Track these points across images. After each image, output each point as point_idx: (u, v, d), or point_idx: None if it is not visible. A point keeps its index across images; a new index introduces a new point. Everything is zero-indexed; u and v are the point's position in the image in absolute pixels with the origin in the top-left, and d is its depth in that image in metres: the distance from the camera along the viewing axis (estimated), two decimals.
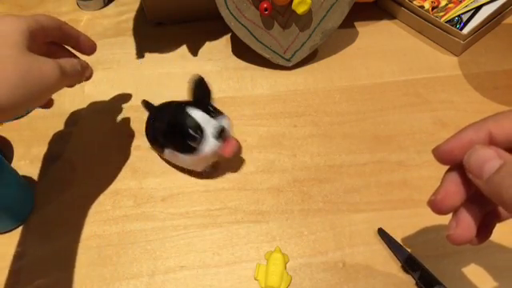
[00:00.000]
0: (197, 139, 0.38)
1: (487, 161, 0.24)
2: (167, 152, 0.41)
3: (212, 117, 0.38)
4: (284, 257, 0.39)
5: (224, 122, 0.39)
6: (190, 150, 0.39)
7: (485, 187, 0.24)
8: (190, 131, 0.37)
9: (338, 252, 0.39)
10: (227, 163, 0.45)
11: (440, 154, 0.27)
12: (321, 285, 0.38)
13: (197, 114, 0.38)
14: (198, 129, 0.38)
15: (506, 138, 0.25)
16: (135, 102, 0.50)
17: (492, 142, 0.25)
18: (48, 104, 0.40)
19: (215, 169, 0.44)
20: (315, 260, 0.39)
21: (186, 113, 0.38)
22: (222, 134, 0.38)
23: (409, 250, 0.39)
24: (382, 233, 0.40)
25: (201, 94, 0.40)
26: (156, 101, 0.50)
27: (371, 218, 0.41)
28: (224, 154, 0.39)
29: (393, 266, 0.39)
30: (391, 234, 0.40)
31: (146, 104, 0.46)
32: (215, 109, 0.40)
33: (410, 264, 0.38)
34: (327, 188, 0.43)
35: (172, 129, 0.39)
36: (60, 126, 0.49)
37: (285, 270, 0.38)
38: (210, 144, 0.38)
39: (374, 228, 0.40)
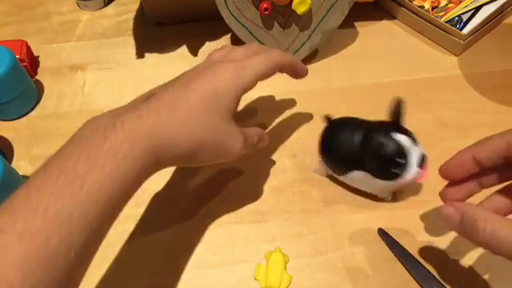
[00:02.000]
0: (402, 166, 0.36)
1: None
2: (354, 174, 0.39)
3: (412, 143, 0.37)
4: (284, 257, 0.39)
5: (422, 149, 0.37)
6: (390, 176, 0.37)
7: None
8: (398, 159, 0.36)
9: (338, 252, 0.39)
10: (226, 164, 0.45)
11: (443, 175, 0.35)
12: (321, 285, 0.38)
13: (401, 140, 0.36)
14: (404, 155, 0.36)
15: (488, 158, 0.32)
16: None
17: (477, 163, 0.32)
18: None
19: (395, 196, 0.43)
20: (315, 260, 0.39)
21: (391, 137, 0.36)
22: (423, 162, 0.37)
23: (409, 250, 0.39)
24: (381, 233, 0.40)
25: (397, 116, 0.37)
26: None
27: (371, 218, 0.41)
28: (420, 180, 0.38)
29: (393, 266, 0.39)
30: (391, 234, 0.40)
31: (328, 119, 0.43)
32: (412, 133, 0.38)
33: (409, 264, 0.38)
34: (327, 188, 0.43)
35: (374, 152, 0.36)
36: (60, 126, 0.49)
37: (285, 270, 0.38)
38: (412, 172, 0.36)
39: (374, 228, 0.40)
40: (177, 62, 0.54)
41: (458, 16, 0.53)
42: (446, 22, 0.52)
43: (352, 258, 0.39)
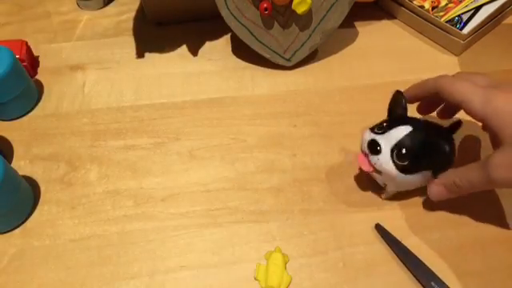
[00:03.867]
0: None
1: None
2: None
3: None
4: (284, 257, 0.39)
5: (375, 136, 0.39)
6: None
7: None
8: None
9: (338, 252, 0.39)
10: (226, 164, 0.45)
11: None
12: (321, 285, 0.38)
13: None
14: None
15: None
16: (135, 101, 0.50)
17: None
18: None
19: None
20: (315, 260, 0.39)
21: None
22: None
23: (408, 247, 0.39)
24: (379, 228, 0.40)
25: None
26: (155, 101, 0.51)
27: (371, 218, 0.41)
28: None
29: (393, 266, 0.39)
30: (392, 234, 0.40)
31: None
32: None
33: (407, 259, 0.38)
34: (327, 188, 0.43)
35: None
36: (60, 126, 0.49)
37: (285, 269, 0.38)
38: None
39: (373, 228, 0.40)
40: (177, 61, 0.54)
41: (458, 16, 0.53)
42: (446, 22, 0.52)
43: (352, 258, 0.39)
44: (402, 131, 0.37)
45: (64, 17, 0.60)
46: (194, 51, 0.55)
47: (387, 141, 0.37)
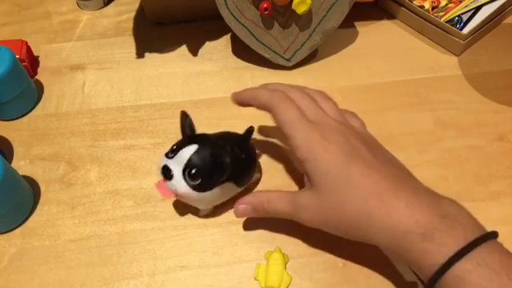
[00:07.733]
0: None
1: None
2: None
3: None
4: (284, 257, 0.39)
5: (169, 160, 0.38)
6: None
7: None
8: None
9: (338, 252, 0.39)
10: None
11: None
12: (321, 285, 0.38)
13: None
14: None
15: None
16: (135, 101, 0.50)
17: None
18: None
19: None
20: (315, 260, 0.39)
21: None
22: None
23: None
24: None
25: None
26: (155, 101, 0.51)
27: None
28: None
29: (393, 266, 0.39)
30: None
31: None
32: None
33: None
34: None
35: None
36: (60, 126, 0.49)
37: (285, 270, 0.38)
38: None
39: None
40: (177, 62, 0.54)
41: (458, 16, 0.53)
42: (446, 22, 0.52)
43: (352, 258, 0.39)
44: (189, 151, 0.37)
45: (64, 17, 0.60)
46: (194, 51, 0.55)
47: (178, 164, 0.37)
